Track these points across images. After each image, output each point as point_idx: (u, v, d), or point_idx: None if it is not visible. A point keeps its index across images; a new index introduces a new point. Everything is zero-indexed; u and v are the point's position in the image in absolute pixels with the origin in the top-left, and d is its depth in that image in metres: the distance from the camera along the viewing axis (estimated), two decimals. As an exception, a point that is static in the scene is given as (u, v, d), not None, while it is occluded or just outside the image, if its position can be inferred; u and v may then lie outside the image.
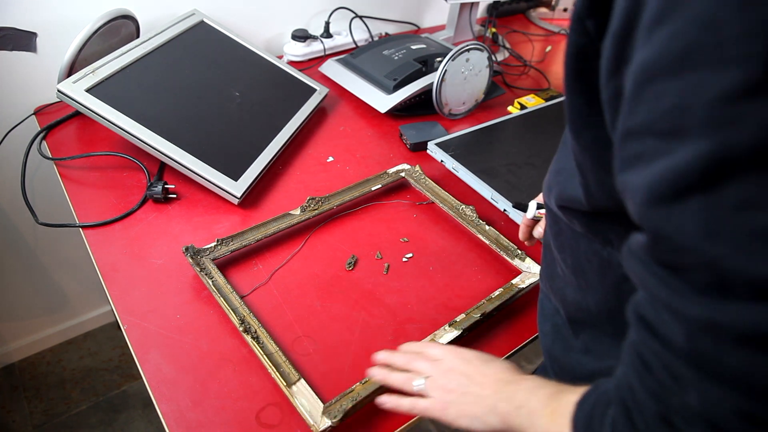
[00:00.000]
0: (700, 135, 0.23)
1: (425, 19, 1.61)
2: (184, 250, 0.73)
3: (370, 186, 0.90)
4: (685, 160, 0.24)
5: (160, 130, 0.84)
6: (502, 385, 0.48)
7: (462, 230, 0.85)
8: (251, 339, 0.63)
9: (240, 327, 0.64)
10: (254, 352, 0.63)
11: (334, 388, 0.62)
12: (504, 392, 0.47)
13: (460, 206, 0.87)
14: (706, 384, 0.27)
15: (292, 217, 0.82)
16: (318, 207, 0.84)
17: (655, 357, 0.29)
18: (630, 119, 0.27)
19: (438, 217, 0.88)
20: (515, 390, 0.47)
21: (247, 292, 0.72)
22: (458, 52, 1.03)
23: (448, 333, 0.66)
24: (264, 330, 0.64)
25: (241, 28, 1.25)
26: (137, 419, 1.36)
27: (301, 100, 1.07)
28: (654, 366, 0.29)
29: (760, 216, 0.23)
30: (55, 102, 1.04)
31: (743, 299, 0.25)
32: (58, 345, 1.51)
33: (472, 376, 0.50)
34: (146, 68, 0.92)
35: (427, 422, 1.44)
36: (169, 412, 0.58)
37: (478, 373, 0.50)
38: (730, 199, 0.24)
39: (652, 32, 0.24)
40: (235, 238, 0.77)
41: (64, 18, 1.03)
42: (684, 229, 0.25)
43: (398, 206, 0.90)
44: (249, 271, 0.75)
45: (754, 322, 0.25)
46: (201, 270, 0.71)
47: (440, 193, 0.89)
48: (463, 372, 0.51)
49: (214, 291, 0.68)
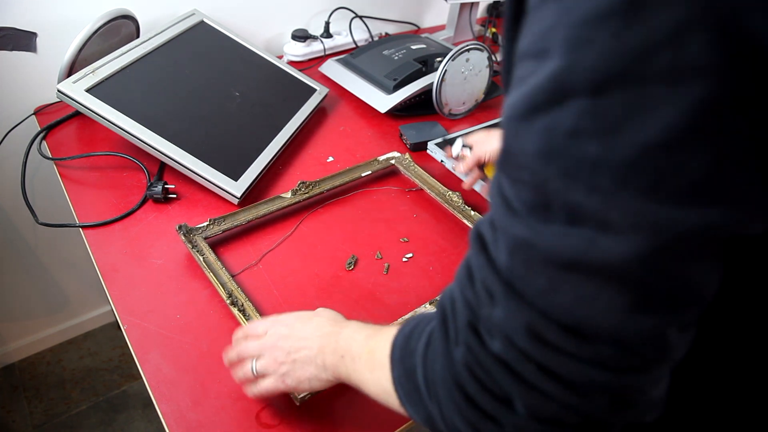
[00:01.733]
0: (557, 54, 0.23)
1: (425, 19, 1.61)
2: (177, 228, 0.74)
3: (360, 172, 0.92)
4: (542, 78, 0.24)
5: (160, 130, 0.84)
6: (324, 339, 0.49)
7: (464, 228, 0.85)
8: (237, 311, 0.65)
9: (227, 300, 0.66)
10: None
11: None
12: (327, 346, 0.48)
13: (447, 192, 0.89)
14: (510, 300, 0.28)
15: (283, 200, 0.83)
16: (309, 191, 0.85)
17: (479, 271, 0.30)
18: (521, 42, 0.27)
19: (430, 206, 0.89)
20: (336, 340, 0.47)
21: (238, 271, 0.74)
22: (458, 52, 1.03)
23: (428, 311, 0.68)
24: (250, 303, 0.67)
25: (241, 28, 1.25)
26: (137, 419, 1.36)
27: (301, 100, 1.07)
28: (476, 279, 0.30)
29: (586, 144, 0.23)
30: (55, 102, 1.04)
31: (558, 223, 0.25)
32: (58, 345, 1.51)
33: (296, 339, 0.50)
34: (146, 68, 0.92)
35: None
36: (169, 412, 0.58)
37: (300, 335, 0.50)
38: (565, 124, 0.24)
39: None
40: (227, 218, 0.79)
41: (64, 18, 1.03)
42: (525, 147, 0.26)
43: (390, 196, 0.90)
44: (241, 253, 0.77)
45: (561, 245, 0.25)
46: (193, 247, 0.73)
47: (428, 180, 0.92)
48: (287, 338, 0.51)
49: (205, 267, 0.70)
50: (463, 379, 0.30)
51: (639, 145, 0.22)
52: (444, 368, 0.31)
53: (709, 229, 0.24)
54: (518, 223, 0.27)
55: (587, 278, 0.25)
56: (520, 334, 0.28)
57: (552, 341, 0.27)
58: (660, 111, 0.22)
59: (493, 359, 0.29)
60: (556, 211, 0.25)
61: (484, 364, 0.29)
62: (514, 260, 0.28)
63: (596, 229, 0.24)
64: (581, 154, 0.24)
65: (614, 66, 0.22)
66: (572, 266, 0.26)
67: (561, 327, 0.27)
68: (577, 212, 0.25)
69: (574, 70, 0.23)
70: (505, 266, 0.28)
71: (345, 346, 0.46)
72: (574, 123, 0.23)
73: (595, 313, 0.26)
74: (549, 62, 0.24)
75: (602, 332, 0.26)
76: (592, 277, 0.25)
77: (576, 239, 0.25)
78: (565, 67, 0.23)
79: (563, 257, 0.26)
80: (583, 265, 0.25)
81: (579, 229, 0.25)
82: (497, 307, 0.29)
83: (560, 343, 0.27)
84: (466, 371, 0.30)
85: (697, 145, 0.22)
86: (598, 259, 0.25)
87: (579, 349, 0.27)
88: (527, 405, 0.28)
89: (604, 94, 0.23)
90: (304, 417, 0.59)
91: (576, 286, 0.26)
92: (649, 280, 0.25)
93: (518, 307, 0.28)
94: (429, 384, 0.33)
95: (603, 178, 0.23)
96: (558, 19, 0.23)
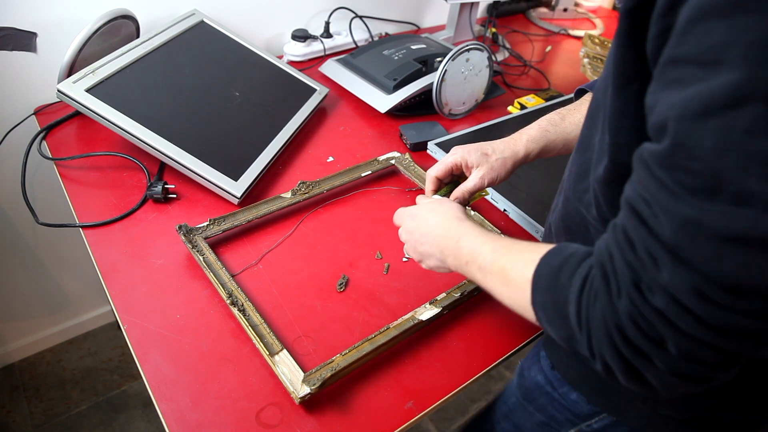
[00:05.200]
0: (734, 67, 0.28)
1: (425, 19, 1.61)
2: (177, 228, 0.74)
3: (360, 172, 0.92)
4: (717, 86, 0.29)
5: (160, 130, 0.84)
6: (442, 240, 0.58)
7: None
8: (237, 311, 0.65)
9: (227, 300, 0.66)
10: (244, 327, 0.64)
11: (334, 388, 0.62)
12: (446, 248, 0.57)
13: None
14: (678, 267, 0.33)
15: (283, 200, 0.83)
16: (309, 191, 0.85)
17: (640, 240, 0.35)
18: (677, 49, 0.32)
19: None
20: (456, 246, 0.55)
21: (238, 271, 0.74)
22: (458, 52, 1.03)
23: (428, 311, 0.68)
24: (250, 303, 0.67)
25: (241, 28, 1.25)
26: (137, 419, 1.36)
27: (301, 100, 1.07)
28: (638, 246, 0.35)
29: (762, 140, 0.29)
30: (55, 102, 1.04)
31: (726, 204, 0.31)
32: (58, 345, 1.51)
33: (420, 234, 0.61)
34: (146, 68, 0.92)
35: (427, 422, 1.44)
36: (169, 412, 0.58)
37: (423, 231, 0.60)
38: (742, 124, 0.29)
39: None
40: (227, 218, 0.79)
41: (64, 18, 1.03)
42: (702, 142, 0.31)
43: (390, 196, 0.90)
44: (241, 253, 0.77)
45: (729, 223, 0.31)
46: (193, 247, 0.73)
47: None
48: (412, 233, 0.62)
49: (205, 267, 0.70)
50: (623, 325, 0.36)
51: None
52: (605, 313, 0.37)
53: None
54: (683, 203, 0.32)
55: (751, 249, 0.31)
56: (685, 294, 0.33)
57: (713, 298, 0.32)
58: None
59: (654, 311, 0.34)
60: (725, 195, 0.31)
61: (646, 315, 0.35)
62: (681, 234, 0.33)
63: (764, 210, 0.30)
64: (755, 149, 0.29)
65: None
66: (738, 239, 0.31)
67: (721, 287, 0.32)
68: (747, 196, 0.30)
69: (755, 80, 0.28)
70: (672, 240, 0.33)
71: (468, 254, 0.53)
72: (750, 123, 0.29)
73: (753, 276, 0.31)
74: (725, 73, 0.29)
75: (758, 290, 0.32)
76: (756, 248, 0.31)
77: (743, 218, 0.30)
78: (746, 78, 0.28)
79: (730, 233, 0.31)
80: (749, 238, 0.30)
81: (746, 210, 0.30)
82: (663, 270, 0.34)
83: (720, 299, 0.32)
84: (628, 319, 0.36)
85: None
86: (763, 233, 0.30)
87: (735, 303, 0.32)
88: (680, 347, 0.34)
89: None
90: (304, 417, 0.59)
91: (740, 254, 0.31)
92: None
93: (685, 272, 0.33)
94: (582, 319, 0.39)
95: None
96: (733, 37, 0.29)
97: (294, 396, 0.58)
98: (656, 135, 0.35)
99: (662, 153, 0.33)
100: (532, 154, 0.70)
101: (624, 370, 0.37)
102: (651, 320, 0.35)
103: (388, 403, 0.61)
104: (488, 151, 0.69)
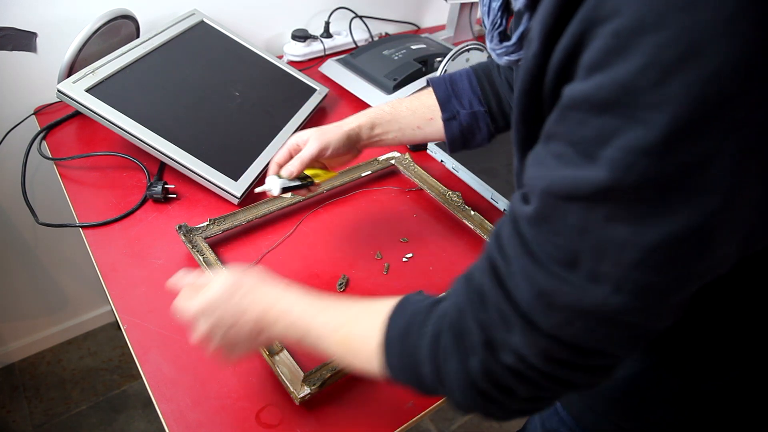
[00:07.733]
0: (603, 168, 0.29)
1: (425, 19, 1.61)
2: (177, 228, 0.74)
3: (360, 172, 0.92)
4: (586, 177, 0.30)
5: (159, 130, 0.84)
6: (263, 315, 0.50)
7: (464, 228, 0.85)
8: None
9: None
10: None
11: (334, 388, 0.62)
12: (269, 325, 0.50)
13: (447, 192, 0.89)
14: (529, 333, 0.35)
15: (283, 200, 0.83)
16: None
17: (494, 302, 0.37)
18: (556, 127, 0.33)
19: (430, 206, 0.88)
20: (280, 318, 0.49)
21: None
22: (458, 52, 1.03)
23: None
24: None
25: (241, 28, 1.25)
26: (137, 419, 1.36)
27: (301, 100, 1.07)
28: (490, 306, 0.37)
29: (616, 228, 0.31)
30: (55, 102, 1.04)
31: (581, 279, 0.33)
32: (58, 345, 1.51)
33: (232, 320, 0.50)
34: (146, 68, 0.92)
35: (427, 422, 1.44)
36: (169, 412, 0.58)
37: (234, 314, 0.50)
38: (602, 213, 0.31)
39: (589, 73, 0.29)
40: (227, 218, 0.79)
41: (64, 18, 1.03)
42: (565, 221, 0.32)
43: (390, 196, 0.90)
44: (241, 253, 0.77)
45: (581, 297, 0.33)
46: (193, 247, 0.73)
47: (428, 180, 0.91)
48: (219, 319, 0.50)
49: (205, 267, 0.70)
50: (477, 380, 0.38)
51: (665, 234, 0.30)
52: (459, 370, 0.39)
53: None
54: (544, 273, 0.34)
55: (598, 322, 0.33)
56: (533, 356, 0.36)
57: (559, 358, 0.36)
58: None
59: (503, 368, 0.37)
60: (580, 271, 0.33)
61: (496, 371, 0.38)
62: (536, 302, 0.34)
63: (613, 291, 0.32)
64: (609, 235, 0.31)
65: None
66: (589, 313, 0.33)
67: (567, 349, 0.35)
68: (599, 277, 0.32)
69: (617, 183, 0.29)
70: (526, 304, 0.35)
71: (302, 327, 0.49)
72: (607, 214, 0.30)
73: (598, 341, 0.35)
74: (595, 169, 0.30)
75: (598, 350, 0.35)
76: (603, 321, 0.33)
77: (593, 296, 0.32)
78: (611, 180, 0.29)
79: (582, 306, 0.33)
80: (598, 314, 0.33)
81: (597, 288, 0.32)
82: (514, 334, 0.36)
83: (566, 358, 0.35)
84: (480, 374, 0.38)
85: None
86: (610, 311, 0.33)
87: (577, 361, 0.36)
88: (526, 393, 0.38)
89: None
90: (304, 417, 0.59)
91: (588, 324, 0.34)
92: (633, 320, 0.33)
93: (535, 337, 0.35)
94: (439, 375, 0.41)
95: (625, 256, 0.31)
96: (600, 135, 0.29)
97: (294, 396, 0.58)
98: (527, 193, 0.36)
99: (530, 216, 0.35)
100: (365, 127, 0.71)
101: (483, 412, 0.41)
102: (501, 375, 0.37)
103: (388, 403, 0.61)
104: (323, 127, 0.70)
